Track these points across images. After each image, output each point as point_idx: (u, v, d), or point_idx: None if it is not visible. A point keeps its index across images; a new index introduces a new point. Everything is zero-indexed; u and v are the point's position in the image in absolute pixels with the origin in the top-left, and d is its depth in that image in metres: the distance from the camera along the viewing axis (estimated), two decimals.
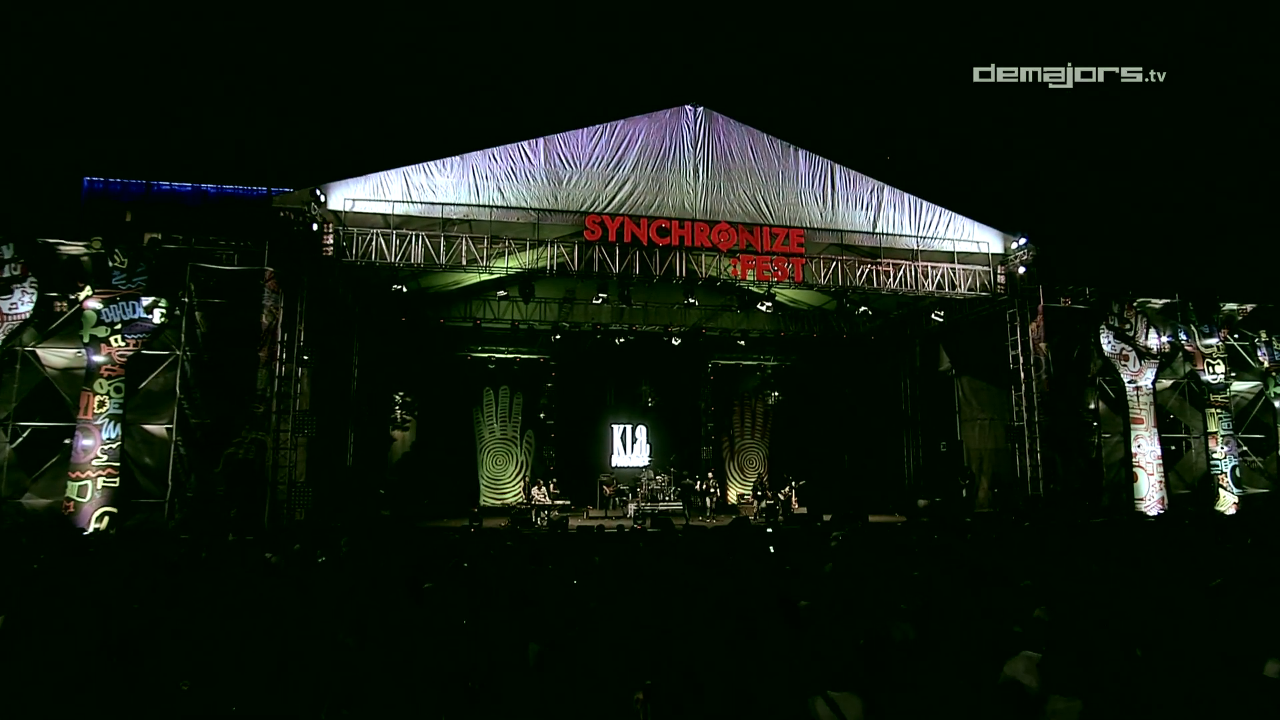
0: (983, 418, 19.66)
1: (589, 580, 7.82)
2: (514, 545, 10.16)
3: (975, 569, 8.37)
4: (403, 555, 9.89)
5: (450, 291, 20.49)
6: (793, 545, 11.37)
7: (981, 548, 10.75)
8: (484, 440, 22.30)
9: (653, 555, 10.73)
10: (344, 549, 10.12)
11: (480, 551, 10.37)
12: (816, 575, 8.41)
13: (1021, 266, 17.06)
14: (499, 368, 21.95)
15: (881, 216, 17.38)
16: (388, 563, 9.11)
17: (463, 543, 11.72)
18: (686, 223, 16.09)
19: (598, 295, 16.44)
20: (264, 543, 12.43)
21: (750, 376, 24.57)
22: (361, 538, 11.52)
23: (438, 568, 8.62)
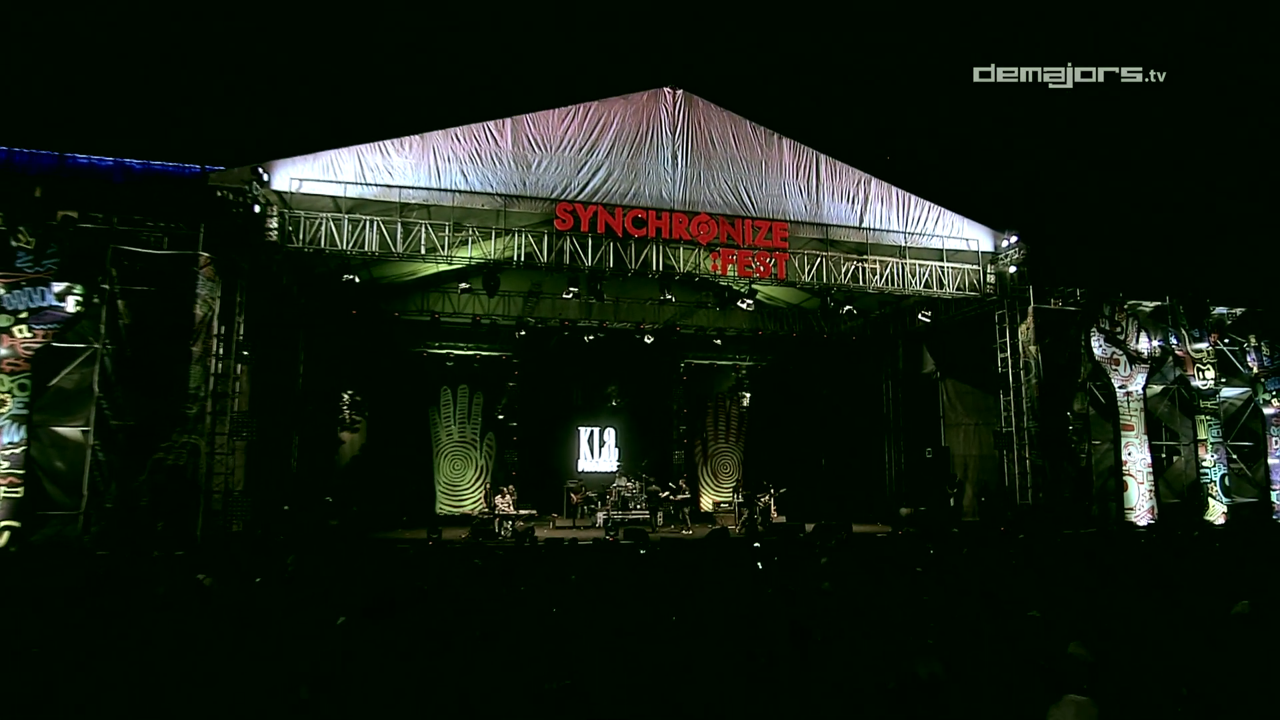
0: (968, 422, 19.72)
1: (568, 604, 7.31)
2: (482, 564, 9.58)
3: (984, 591, 8.14)
4: (357, 575, 9.31)
5: (406, 282, 19.81)
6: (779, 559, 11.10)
7: (981, 564, 10.58)
8: (441, 443, 21.72)
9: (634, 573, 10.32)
10: (290, 568, 9.43)
11: (444, 570, 9.85)
12: (813, 595, 8.11)
13: (1012, 266, 17.08)
14: (458, 365, 21.41)
15: (868, 211, 17.23)
16: (341, 586, 8.48)
17: (422, 558, 11.14)
18: (664, 213, 15.71)
19: (568, 290, 15.98)
20: (196, 558, 11.72)
21: (725, 377, 24.39)
22: (309, 555, 10.85)
23: (398, 590, 8.06)
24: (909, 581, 8.99)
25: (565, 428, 22.71)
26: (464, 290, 16.02)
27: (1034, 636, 6.09)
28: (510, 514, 16.23)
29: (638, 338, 20.38)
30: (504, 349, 21.63)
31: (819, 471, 23.28)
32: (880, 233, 17.17)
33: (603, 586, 8.62)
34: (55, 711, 4.19)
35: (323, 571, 9.45)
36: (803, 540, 15.32)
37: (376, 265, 17.53)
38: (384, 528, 17.73)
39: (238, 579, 8.84)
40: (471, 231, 15.07)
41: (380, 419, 20.89)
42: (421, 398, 21.50)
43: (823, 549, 12.08)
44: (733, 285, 17.47)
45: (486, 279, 15.28)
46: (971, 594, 7.84)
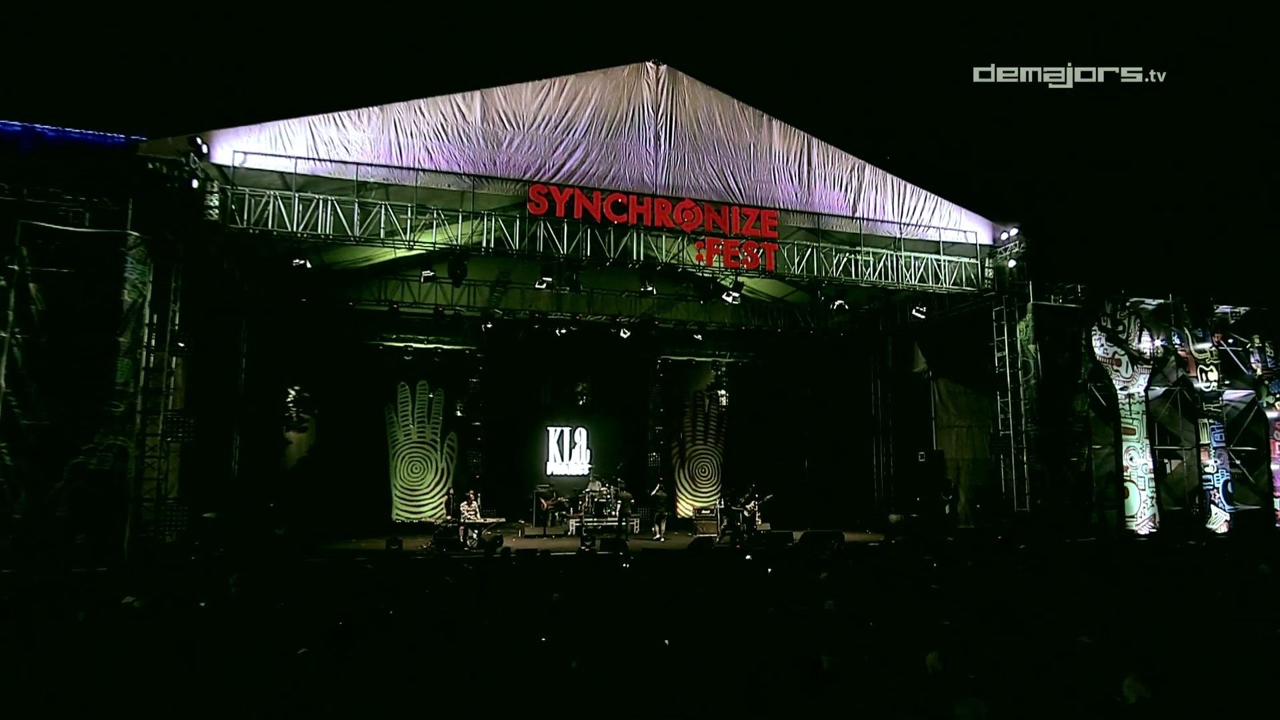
0: (960, 425, 19.71)
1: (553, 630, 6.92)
2: (454, 581, 9.05)
3: (1005, 611, 7.85)
4: (310, 595, 8.71)
5: (360, 269, 19.12)
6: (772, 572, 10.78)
7: (990, 579, 10.36)
8: (398, 444, 21.13)
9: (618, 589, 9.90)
10: (233, 589, 8.75)
11: (408, 588, 9.31)
12: (817, 617, 7.76)
13: (1012, 260, 17.05)
14: (417, 359, 20.86)
15: (862, 199, 17.07)
16: (292, 610, 7.88)
17: (383, 574, 10.57)
18: (645, 198, 15.36)
19: (541, 280, 15.42)
20: (122, 577, 10.98)
21: (704, 374, 24.12)
22: (254, 572, 10.18)
23: (357, 614, 7.49)
24: (919, 600, 8.70)
25: (533, 428, 22.30)
26: (427, 278, 15.34)
27: (1085, 669, 5.77)
28: (477, 522, 15.63)
29: (613, 332, 19.95)
30: (467, 342, 21.09)
31: (803, 475, 23.14)
32: (874, 223, 17.01)
33: (587, 606, 8.23)
34: None
35: (270, 592, 8.86)
36: (792, 550, 15.08)
37: (329, 250, 16.81)
38: (336, 537, 17.11)
39: (172, 601, 8.20)
40: (436, 214, 14.52)
41: (331, 418, 20.23)
42: (377, 394, 20.95)
43: (817, 561, 11.76)
44: (717, 277, 17.05)
45: (452, 266, 14.68)
46: (993, 615, 7.55)
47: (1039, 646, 6.40)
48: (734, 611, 8.30)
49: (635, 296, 19.95)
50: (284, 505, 17.98)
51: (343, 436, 20.14)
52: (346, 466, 19.79)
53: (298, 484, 19.35)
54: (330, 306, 19.21)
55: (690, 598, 8.93)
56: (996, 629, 7.09)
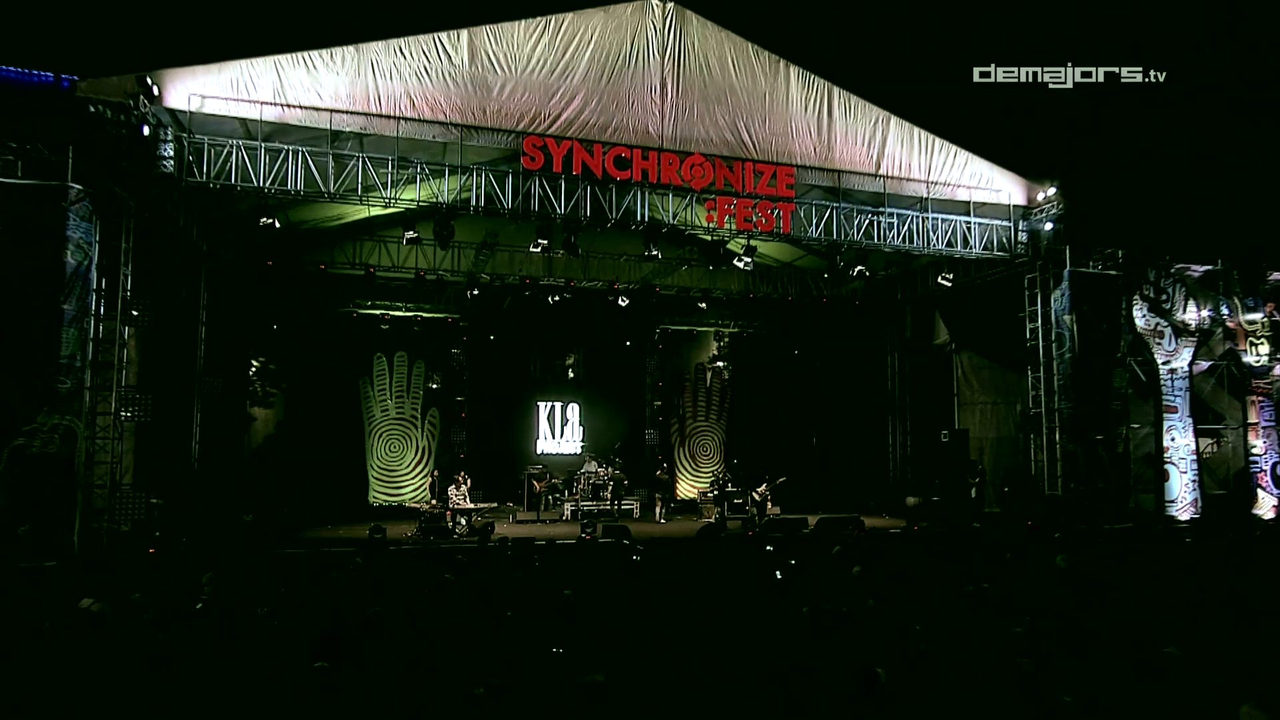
0: (984, 401, 19.51)
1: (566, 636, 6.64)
2: (454, 579, 8.61)
3: (1067, 615, 7.53)
4: (293, 596, 8.26)
5: (331, 228, 18.45)
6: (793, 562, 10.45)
7: (1029, 571, 10.08)
8: (374, 420, 20.72)
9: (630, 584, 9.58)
10: (206, 590, 8.26)
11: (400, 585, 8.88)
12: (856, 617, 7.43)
13: (1048, 222, 16.70)
14: (394, 328, 20.36)
15: (886, 155, 16.68)
16: (275, 612, 7.43)
17: (370, 568, 10.13)
18: (651, 153, 14.93)
19: (535, 242, 14.82)
20: (75, 573, 10.45)
21: (706, 346, 23.82)
22: (229, 569, 9.67)
23: (348, 617, 7.03)
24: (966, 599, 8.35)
25: (522, 403, 22.00)
26: (410, 240, 14.72)
27: (1186, 689, 5.40)
28: (467, 507, 15.19)
29: (611, 299, 19.47)
30: (450, 310, 20.63)
31: (811, 454, 22.93)
32: (899, 181, 16.63)
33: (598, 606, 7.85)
34: None
35: (248, 592, 8.40)
36: (809, 538, 14.79)
37: (296, 207, 16.14)
38: (310, 524, 16.75)
39: (134, 604, 7.69)
40: (420, 168, 13.99)
41: (300, 392, 19.74)
42: (350, 366, 20.51)
43: (846, 553, 11.45)
44: (727, 240, 16.51)
45: (438, 227, 14.10)
46: (1057, 620, 7.21)
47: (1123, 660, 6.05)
48: (762, 611, 7.97)
49: (634, 261, 19.48)
50: (250, 488, 17.54)
51: (313, 412, 19.69)
52: (318, 445, 19.35)
53: (264, 465, 18.89)
54: (299, 270, 18.64)
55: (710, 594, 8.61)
56: (1067, 636, 6.74)
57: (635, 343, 22.42)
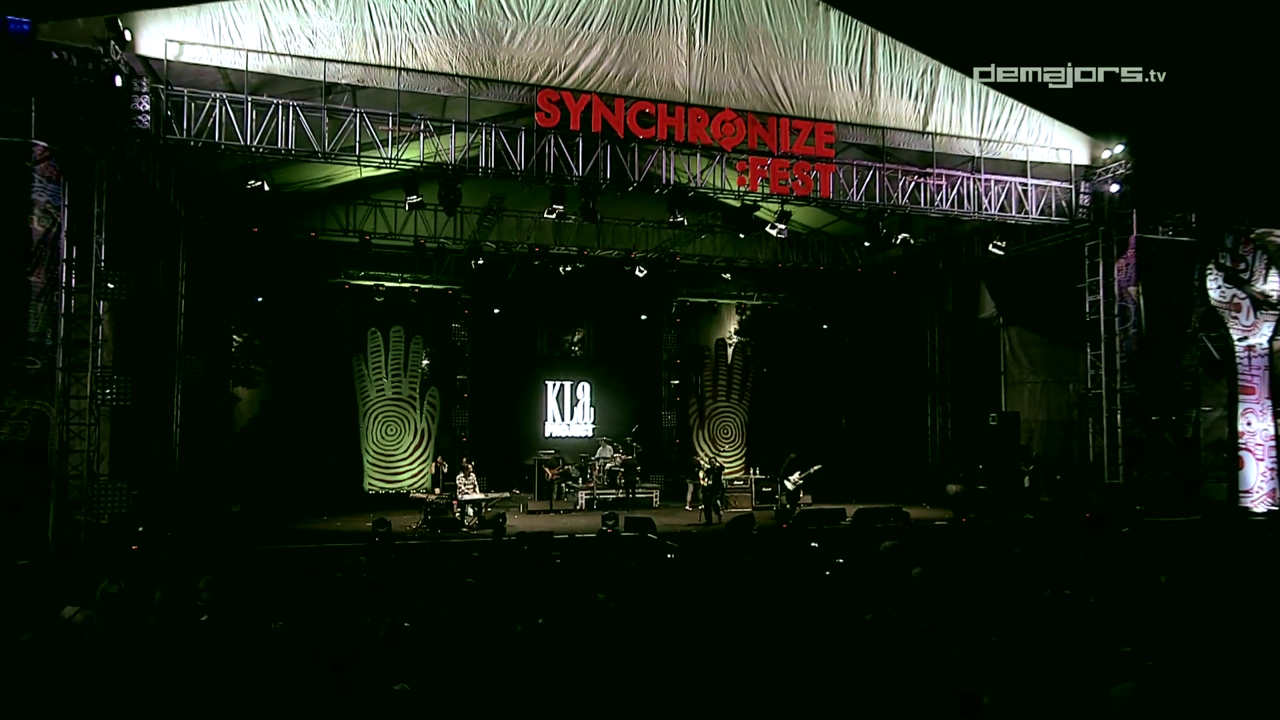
0: (1034, 380, 19.23)
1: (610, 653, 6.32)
2: (476, 585, 8.25)
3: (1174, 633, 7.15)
4: (298, 602, 7.90)
5: (319, 191, 18.12)
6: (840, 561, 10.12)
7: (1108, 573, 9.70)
8: (369, 400, 20.43)
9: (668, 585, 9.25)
10: (204, 594, 7.84)
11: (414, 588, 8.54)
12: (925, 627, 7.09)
13: (1114, 184, 16.24)
14: (390, 300, 20.10)
15: (935, 110, 16.30)
16: (283, 622, 7.08)
17: (379, 567, 9.79)
18: (678, 108, 14.63)
19: (550, 207, 14.40)
20: (51, 574, 10.07)
21: (726, 319, 23.60)
22: (227, 572, 9.30)
23: (362, 626, 6.64)
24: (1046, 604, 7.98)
25: (528, 382, 21.83)
26: (413, 205, 14.22)
27: None
28: (476, 498, 14.90)
29: (627, 269, 19.17)
30: (450, 280, 20.38)
31: (841, 437, 22.67)
32: (949, 139, 16.25)
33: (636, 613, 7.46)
34: None
35: (252, 598, 8.08)
36: (848, 532, 14.48)
37: (281, 167, 15.67)
38: (304, 515, 16.52)
39: (124, 611, 7.33)
40: (423, 125, 13.63)
41: (288, 370, 19.45)
42: (343, 342, 20.21)
43: (893, 549, 11.10)
44: (757, 205, 16.08)
45: (444, 190, 13.72)
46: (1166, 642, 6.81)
47: None
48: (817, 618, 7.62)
49: (652, 227, 19.14)
50: (236, 475, 17.29)
51: (302, 392, 19.41)
52: (308, 428, 19.11)
53: (250, 450, 18.63)
54: (287, 237, 18.32)
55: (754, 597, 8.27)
56: (1185, 664, 6.35)
57: (651, 317, 22.23)
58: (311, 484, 18.30)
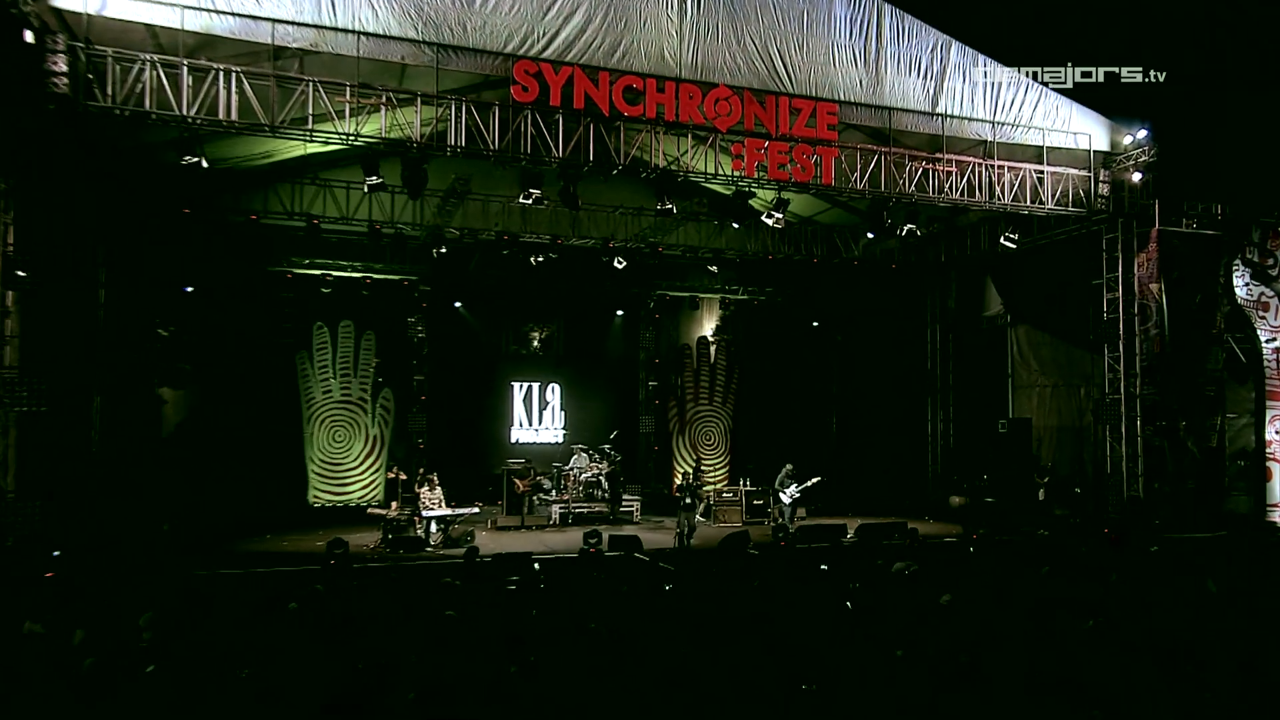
0: (1044, 384, 19.26)
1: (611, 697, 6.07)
2: (457, 618, 7.82)
3: None
4: (253, 643, 7.36)
5: (259, 168, 17.49)
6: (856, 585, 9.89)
7: (1151, 600, 9.55)
8: (314, 403, 20.08)
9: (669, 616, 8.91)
10: (145, 636, 7.34)
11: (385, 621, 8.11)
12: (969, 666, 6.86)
13: (1136, 171, 16.28)
14: (339, 292, 19.82)
15: (945, 91, 16.24)
16: (249, 675, 6.60)
17: (338, 597, 9.25)
18: (668, 84, 14.36)
19: (527, 192, 14.12)
20: None
21: (709, 315, 23.48)
22: (162, 600, 8.70)
23: (337, 669, 6.30)
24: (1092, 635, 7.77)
25: (493, 383, 21.76)
26: (373, 186, 13.70)
27: None
28: (442, 513, 14.60)
29: (606, 260, 18.94)
30: (407, 270, 20.05)
31: (832, 444, 22.62)
32: (960, 121, 16.19)
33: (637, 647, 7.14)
34: None
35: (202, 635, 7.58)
36: (852, 549, 14.27)
37: (213, 142, 15.04)
38: (244, 533, 16.10)
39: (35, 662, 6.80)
40: (386, 97, 13.15)
41: (222, 369, 18.91)
42: (285, 337, 19.83)
43: (908, 569, 10.91)
44: (751, 191, 15.85)
45: (408, 171, 13.25)
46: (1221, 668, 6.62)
47: None
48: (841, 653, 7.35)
49: (631, 214, 18.88)
50: (164, 489, 16.75)
51: (238, 394, 19.02)
52: (243, 433, 18.82)
53: (179, 459, 17.99)
54: (223, 219, 17.78)
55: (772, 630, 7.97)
56: None
57: (628, 312, 22.08)
58: (249, 497, 18.05)
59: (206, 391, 18.87)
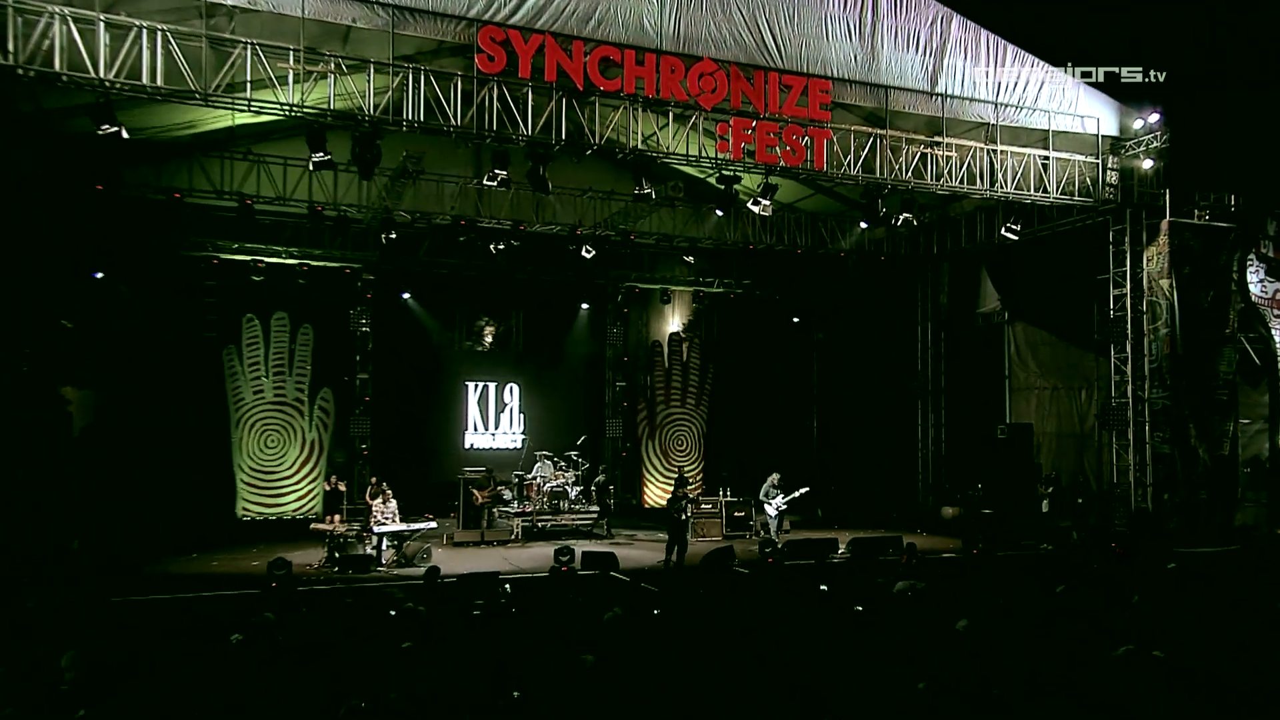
0: (1042, 386, 19.34)
1: None
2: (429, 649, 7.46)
3: None
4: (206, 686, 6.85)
5: (180, 140, 16.89)
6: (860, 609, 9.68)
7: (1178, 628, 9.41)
8: (244, 404, 19.66)
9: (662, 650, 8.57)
10: (68, 676, 6.86)
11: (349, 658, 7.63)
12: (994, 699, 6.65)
13: (1146, 159, 16.37)
14: (272, 280, 19.39)
15: (945, 69, 16.17)
16: None
17: (289, 626, 8.75)
18: (648, 56, 14.14)
19: (491, 173, 13.93)
20: None
21: (681, 309, 23.51)
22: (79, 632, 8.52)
23: None
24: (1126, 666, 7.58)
25: (445, 382, 21.71)
26: (318, 164, 13.15)
27: None
28: (398, 528, 14.32)
29: (573, 249, 18.72)
30: (349, 257, 19.72)
31: (813, 450, 22.63)
32: (960, 102, 16.10)
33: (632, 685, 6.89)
34: None
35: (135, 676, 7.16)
36: (845, 567, 14.12)
37: (128, 109, 14.29)
38: (166, 551, 15.60)
39: None
40: (334, 64, 12.64)
41: (137, 366, 18.37)
42: (210, 330, 19.41)
43: (912, 589, 10.79)
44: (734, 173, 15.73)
45: (360, 148, 12.80)
46: None
47: None
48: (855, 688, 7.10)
49: (600, 199, 18.62)
50: (70, 501, 16.21)
51: (155, 394, 18.56)
52: (161, 439, 18.36)
53: (86, 467, 17.33)
54: (141, 199, 17.05)
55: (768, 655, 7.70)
56: None
57: (594, 305, 21.96)
58: (168, 511, 17.56)
59: (118, 392, 18.36)
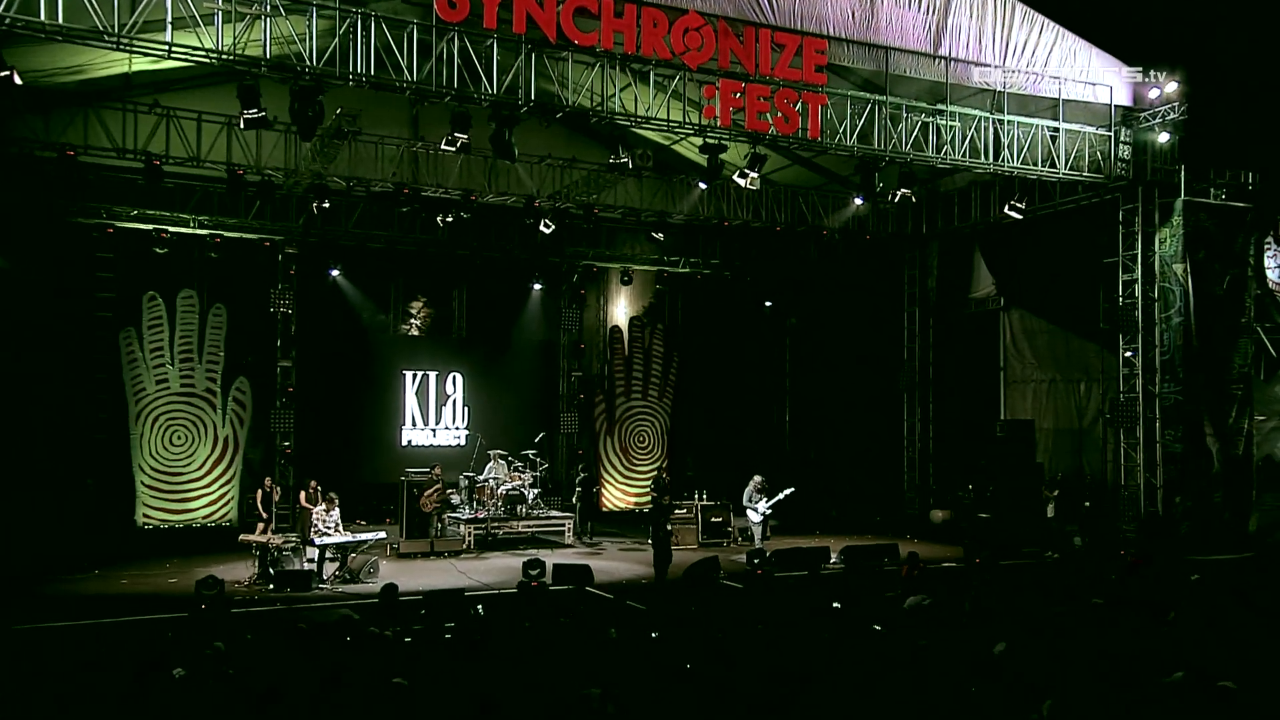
0: (1039, 379, 19.70)
1: None
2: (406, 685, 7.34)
3: None
4: None
5: (65, 88, 16.43)
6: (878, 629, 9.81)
7: None
8: (145, 395, 19.22)
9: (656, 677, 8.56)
10: None
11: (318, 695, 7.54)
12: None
13: (1162, 132, 16.70)
14: (178, 253, 19.12)
15: (949, 28, 16.31)
16: None
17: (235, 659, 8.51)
18: (627, 6, 14.11)
19: (451, 136, 14.01)
20: None
21: (644, 292, 23.58)
22: None
23: None
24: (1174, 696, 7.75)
25: (379, 371, 21.57)
26: (250, 120, 12.83)
27: None
28: (343, 539, 14.23)
29: (530, 222, 18.67)
30: (269, 228, 19.34)
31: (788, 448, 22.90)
32: (965, 66, 16.30)
33: None
34: None
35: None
36: (839, 579, 14.27)
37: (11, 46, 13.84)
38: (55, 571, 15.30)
39: None
40: (269, 3, 12.30)
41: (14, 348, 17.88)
42: (103, 309, 18.98)
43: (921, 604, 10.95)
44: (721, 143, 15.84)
45: (300, 104, 12.62)
46: None
47: None
48: None
49: (560, 166, 18.53)
50: None
51: (37, 383, 18.20)
52: (44, 435, 18.21)
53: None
54: (21, 155, 16.53)
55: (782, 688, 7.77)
56: None
57: (547, 286, 21.94)
58: (55, 519, 17.30)
59: None
